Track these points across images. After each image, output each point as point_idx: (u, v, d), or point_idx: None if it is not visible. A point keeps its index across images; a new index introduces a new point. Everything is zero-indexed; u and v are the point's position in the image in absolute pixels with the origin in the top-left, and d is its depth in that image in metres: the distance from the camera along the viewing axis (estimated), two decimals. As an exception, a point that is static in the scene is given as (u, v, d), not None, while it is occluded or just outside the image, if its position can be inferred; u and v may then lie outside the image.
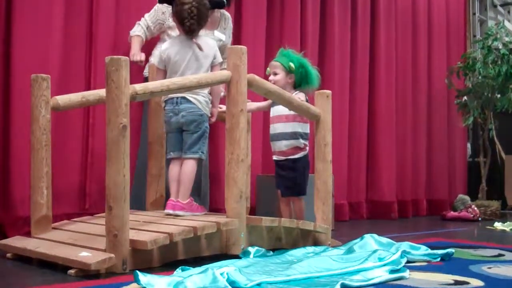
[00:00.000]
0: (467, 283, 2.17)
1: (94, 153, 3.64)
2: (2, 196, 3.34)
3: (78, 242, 2.50)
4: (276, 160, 3.42)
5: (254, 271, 2.24)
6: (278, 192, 3.44)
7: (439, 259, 2.70)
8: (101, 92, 2.78)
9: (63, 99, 2.78)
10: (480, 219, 5.30)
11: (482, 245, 3.36)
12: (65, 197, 3.49)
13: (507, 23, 6.53)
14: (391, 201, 5.52)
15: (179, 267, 2.24)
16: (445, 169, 6.22)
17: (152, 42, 3.74)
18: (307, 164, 3.42)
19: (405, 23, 5.90)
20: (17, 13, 3.36)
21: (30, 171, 2.76)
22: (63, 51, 3.53)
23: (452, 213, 5.41)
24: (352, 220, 5.18)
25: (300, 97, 3.33)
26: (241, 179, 2.72)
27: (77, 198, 3.60)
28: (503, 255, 2.93)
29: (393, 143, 5.61)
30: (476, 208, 5.35)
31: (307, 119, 3.39)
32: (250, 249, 2.73)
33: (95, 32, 3.70)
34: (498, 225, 4.69)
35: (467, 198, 5.58)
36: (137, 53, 3.56)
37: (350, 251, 2.78)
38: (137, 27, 3.66)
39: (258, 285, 2.02)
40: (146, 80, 3.53)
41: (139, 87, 2.45)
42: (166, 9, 3.55)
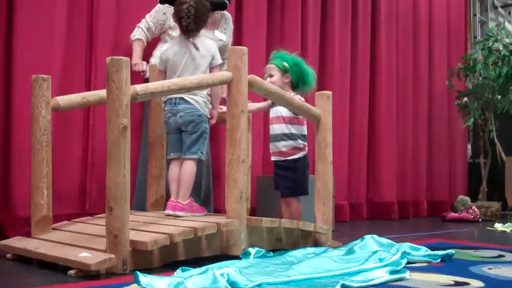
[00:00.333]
0: (467, 284, 2.17)
1: (94, 153, 3.65)
2: (3, 196, 3.34)
3: (78, 242, 2.50)
4: (275, 161, 3.41)
5: (254, 272, 2.24)
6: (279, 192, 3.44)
7: (439, 260, 2.69)
8: (101, 93, 2.78)
9: (63, 100, 2.78)
10: (480, 220, 5.30)
11: (483, 246, 3.36)
12: (65, 197, 3.49)
13: (507, 25, 6.52)
14: (392, 202, 5.51)
15: (180, 268, 2.24)
16: (445, 170, 6.22)
17: (152, 43, 3.74)
18: (307, 165, 3.41)
19: (405, 24, 5.90)
20: (18, 14, 3.37)
21: (31, 171, 2.76)
22: (63, 51, 3.53)
23: (453, 214, 5.41)
24: (352, 221, 5.17)
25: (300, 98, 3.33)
26: (242, 179, 2.72)
27: (77, 199, 3.60)
28: (503, 256, 2.93)
29: (393, 144, 5.61)
30: (476, 209, 5.34)
31: (307, 119, 3.39)
32: (251, 250, 2.73)
33: (95, 33, 3.70)
34: (499, 226, 4.69)
35: (468, 199, 5.57)
36: (139, 62, 3.55)
37: (350, 252, 2.77)
38: (137, 30, 3.65)
39: (258, 286, 2.01)
40: (146, 81, 3.52)
41: (139, 87, 2.45)
42: (167, 9, 3.55)
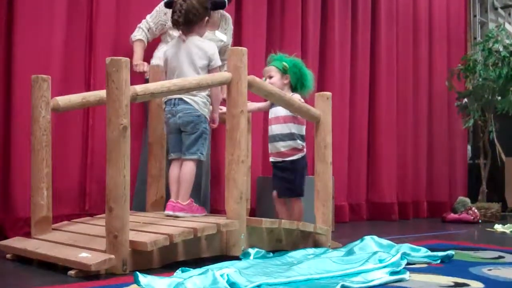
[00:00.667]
0: (467, 285, 2.16)
1: (94, 154, 3.65)
2: (3, 197, 3.34)
3: (78, 243, 2.50)
4: (273, 162, 3.41)
5: (254, 272, 2.24)
6: (273, 193, 3.43)
7: (439, 261, 2.69)
8: (101, 93, 2.78)
9: (63, 100, 2.78)
10: (480, 221, 5.30)
11: (482, 247, 3.35)
12: (65, 198, 3.49)
13: (507, 26, 6.53)
14: (392, 203, 5.51)
15: (179, 268, 2.24)
16: (445, 171, 6.22)
17: (153, 44, 3.73)
18: (305, 166, 3.41)
19: (405, 25, 5.90)
20: (18, 14, 3.37)
21: (31, 171, 2.76)
22: (63, 52, 3.53)
23: (453, 215, 5.41)
24: (352, 222, 5.18)
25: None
26: (241, 180, 2.72)
27: (77, 199, 3.60)
28: (503, 257, 2.93)
29: (393, 144, 5.61)
30: (476, 210, 5.34)
31: (307, 120, 3.39)
32: (250, 250, 2.72)
33: (95, 33, 3.70)
34: (498, 227, 4.68)
35: (468, 200, 5.57)
36: (140, 63, 3.55)
37: (350, 252, 2.77)
38: (138, 31, 3.64)
39: (258, 286, 2.01)
40: (146, 82, 3.52)
41: (139, 88, 2.45)
42: (168, 10, 3.55)
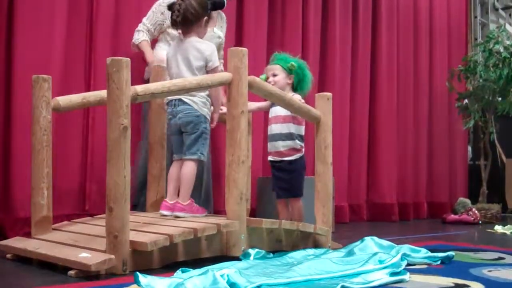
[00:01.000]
0: (467, 286, 2.16)
1: (94, 154, 3.65)
2: (3, 197, 3.35)
3: (78, 243, 2.50)
4: (272, 161, 3.40)
5: (254, 273, 2.24)
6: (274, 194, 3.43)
7: (439, 262, 2.69)
8: (102, 93, 2.78)
9: (64, 100, 2.77)
10: (480, 222, 5.30)
11: (483, 248, 3.35)
12: (65, 198, 3.49)
13: (508, 27, 6.53)
14: (392, 204, 5.52)
15: (179, 269, 2.24)
16: (445, 172, 6.22)
17: (152, 42, 3.74)
18: (303, 166, 3.40)
19: (406, 26, 5.90)
20: (19, 14, 3.37)
21: (31, 171, 2.76)
22: (64, 52, 3.54)
23: (453, 216, 5.41)
24: (352, 222, 5.18)
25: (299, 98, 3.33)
26: (242, 180, 2.72)
27: (76, 199, 3.60)
28: (503, 258, 2.92)
29: (393, 145, 5.61)
30: (476, 211, 5.34)
31: (307, 120, 3.39)
32: (251, 251, 2.72)
33: (95, 33, 3.70)
34: (499, 228, 4.68)
35: (468, 201, 5.57)
36: (162, 58, 3.40)
37: (350, 253, 2.77)
38: (139, 34, 3.64)
39: (258, 287, 2.01)
40: (145, 82, 3.52)
41: (140, 88, 2.45)
42: (164, 9, 3.55)
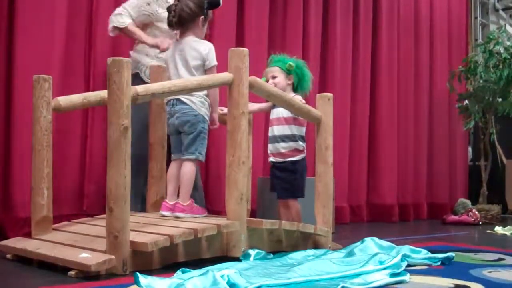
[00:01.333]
0: (467, 287, 2.16)
1: (93, 154, 3.64)
2: (3, 197, 3.35)
3: (79, 243, 2.50)
4: (273, 162, 3.40)
5: (254, 273, 2.24)
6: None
7: (439, 263, 2.69)
8: (102, 93, 2.77)
9: (64, 100, 2.77)
10: (480, 223, 5.29)
11: (483, 249, 3.35)
12: (63, 198, 3.49)
13: (508, 28, 6.53)
14: (392, 204, 5.51)
15: (180, 269, 2.24)
16: (446, 173, 6.22)
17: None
18: (305, 167, 3.41)
19: (407, 26, 5.90)
20: (19, 14, 3.38)
21: (31, 172, 2.76)
22: (64, 52, 3.53)
23: (453, 217, 5.40)
24: (352, 223, 5.17)
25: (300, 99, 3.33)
26: (242, 181, 2.72)
27: (75, 199, 3.60)
28: (503, 259, 2.93)
29: (394, 146, 5.61)
30: (476, 212, 5.34)
31: (308, 121, 3.39)
32: (251, 251, 2.72)
33: (95, 33, 3.70)
34: (499, 229, 4.68)
35: (468, 202, 5.57)
36: (160, 39, 3.34)
37: (350, 254, 2.77)
38: (122, 17, 3.41)
39: (258, 287, 2.01)
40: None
41: (140, 88, 2.45)
42: (152, 0, 3.44)
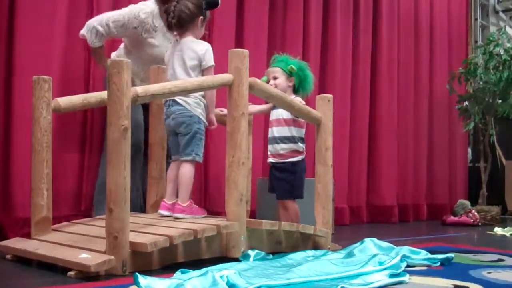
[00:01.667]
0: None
1: (92, 154, 3.64)
2: (3, 197, 3.34)
3: (78, 244, 2.50)
4: (272, 163, 3.40)
5: (253, 274, 2.24)
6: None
7: (439, 264, 2.69)
8: (102, 94, 2.78)
9: (64, 101, 2.77)
10: (480, 224, 5.29)
11: (482, 250, 3.35)
12: (62, 198, 3.48)
13: (508, 29, 6.52)
14: (392, 205, 5.51)
15: (179, 270, 2.24)
16: (445, 174, 6.22)
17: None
18: (304, 168, 3.41)
19: (407, 27, 5.90)
20: (19, 14, 3.38)
21: (31, 172, 2.76)
22: (64, 53, 3.53)
23: (452, 218, 5.40)
24: (352, 224, 5.17)
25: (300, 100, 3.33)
26: (242, 182, 2.72)
27: (73, 200, 3.59)
28: (503, 260, 2.93)
29: (394, 147, 5.61)
30: (476, 213, 5.34)
31: (307, 122, 3.39)
32: (250, 252, 2.73)
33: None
34: (498, 230, 4.68)
35: (467, 203, 5.57)
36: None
37: (350, 255, 2.78)
38: (97, 36, 3.32)
39: (258, 288, 2.02)
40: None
41: (140, 89, 2.45)
42: (138, 23, 3.33)
